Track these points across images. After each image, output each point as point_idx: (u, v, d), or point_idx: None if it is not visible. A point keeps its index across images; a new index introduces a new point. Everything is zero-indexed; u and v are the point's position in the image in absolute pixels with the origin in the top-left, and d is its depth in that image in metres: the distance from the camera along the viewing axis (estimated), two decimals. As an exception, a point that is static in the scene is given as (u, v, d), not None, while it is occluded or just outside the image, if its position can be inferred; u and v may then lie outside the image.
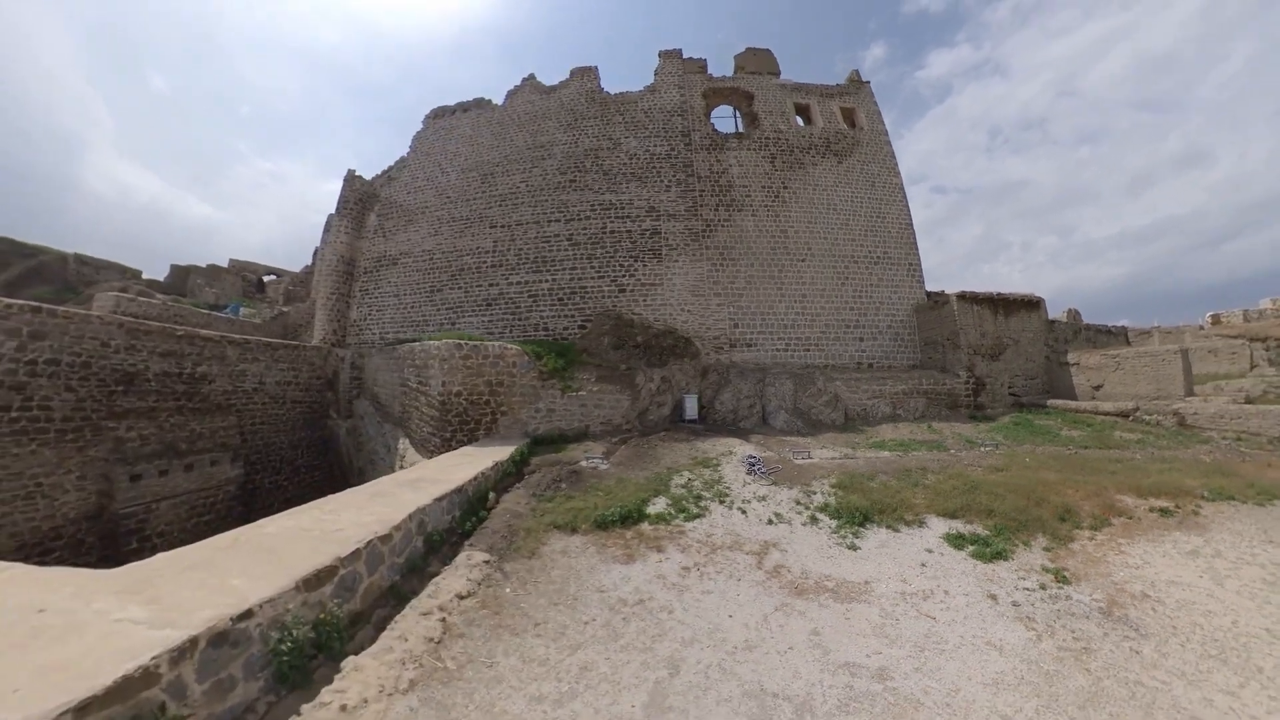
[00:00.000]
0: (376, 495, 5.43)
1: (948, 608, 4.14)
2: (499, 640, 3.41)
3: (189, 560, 3.60)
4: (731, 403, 12.23)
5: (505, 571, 4.48)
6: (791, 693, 2.90)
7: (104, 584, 3.16)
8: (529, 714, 2.71)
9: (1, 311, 9.60)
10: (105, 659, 2.32)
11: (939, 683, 3.10)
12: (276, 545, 3.88)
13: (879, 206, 17.79)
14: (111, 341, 11.55)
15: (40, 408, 10.12)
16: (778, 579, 4.56)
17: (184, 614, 2.74)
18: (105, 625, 2.63)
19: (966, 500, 6.55)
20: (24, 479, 9.79)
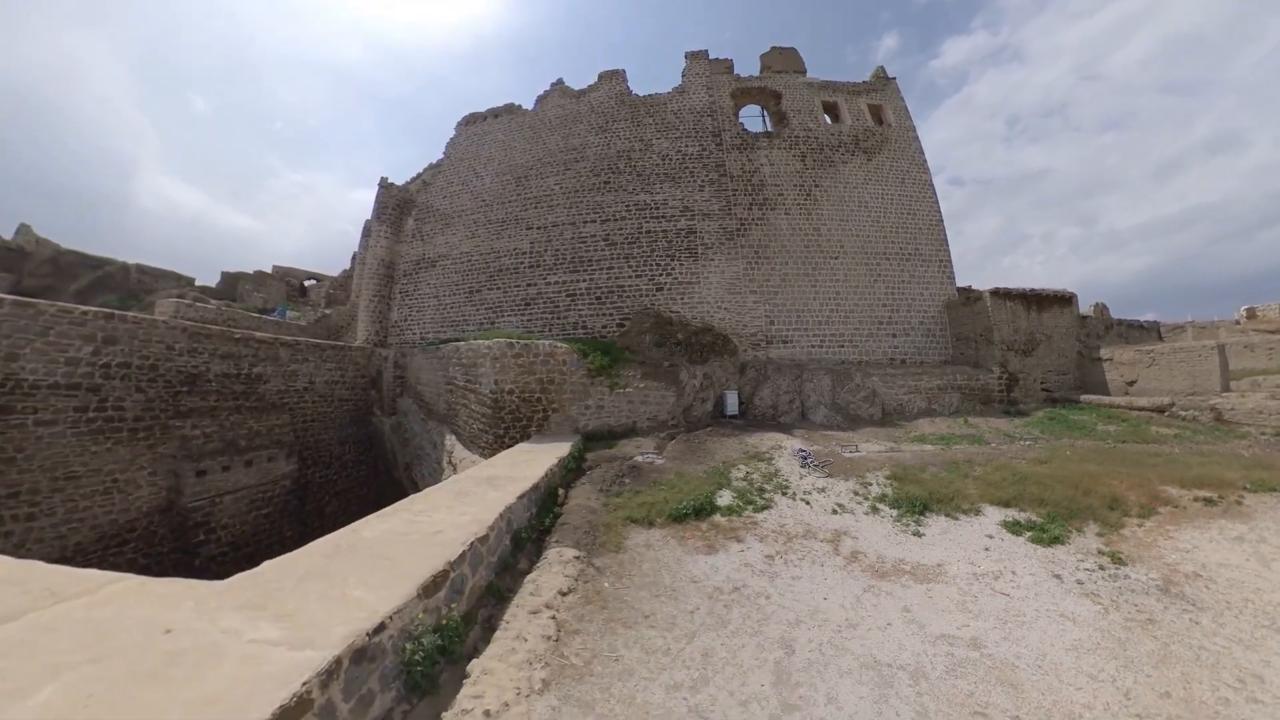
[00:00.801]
0: (460, 494, 5.62)
1: (1018, 586, 4.58)
2: (615, 634, 3.66)
3: (300, 569, 3.54)
4: (771, 398, 12.68)
5: (597, 566, 4.79)
6: (902, 662, 3.36)
7: (223, 598, 3.08)
8: (670, 702, 2.91)
9: (78, 318, 10.30)
10: (255, 688, 2.22)
11: (1026, 649, 3.56)
12: (382, 551, 3.90)
13: (909, 203, 17.97)
14: (176, 345, 12.27)
15: (114, 408, 10.82)
16: (857, 563, 5.04)
17: (320, 632, 2.67)
18: (242, 647, 2.55)
19: (1018, 490, 6.94)
20: (102, 475, 10.50)
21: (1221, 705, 2.98)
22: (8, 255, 19.88)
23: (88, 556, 10.18)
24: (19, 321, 9.38)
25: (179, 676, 2.32)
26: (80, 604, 3.00)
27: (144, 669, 2.37)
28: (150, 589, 3.20)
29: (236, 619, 2.83)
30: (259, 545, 13.57)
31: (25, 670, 2.38)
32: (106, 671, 2.38)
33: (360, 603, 3.02)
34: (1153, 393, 12.85)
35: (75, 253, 22.57)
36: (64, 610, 2.91)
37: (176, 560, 11.83)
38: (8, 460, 9.15)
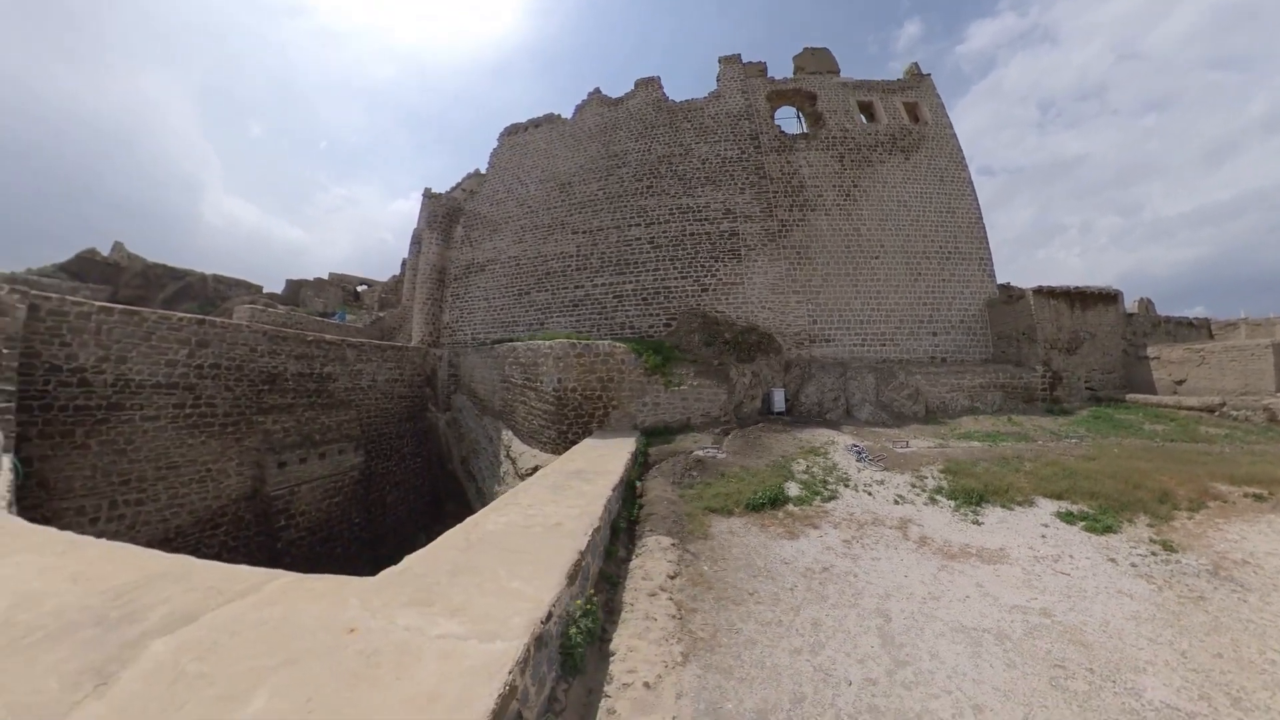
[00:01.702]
0: (557, 488, 6.06)
1: (1076, 567, 5.13)
2: (728, 610, 4.11)
3: (445, 564, 3.70)
4: (816, 396, 13.22)
5: (692, 552, 5.33)
6: (985, 627, 3.98)
7: (385, 595, 3.18)
8: (796, 664, 3.38)
9: (175, 324, 11.40)
10: (466, 682, 2.30)
11: (1091, 618, 4.15)
12: (513, 544, 4.13)
13: (948, 201, 18.10)
14: (258, 347, 13.32)
15: (207, 405, 11.90)
16: (927, 547, 5.65)
17: (499, 624, 2.81)
18: (434, 643, 2.62)
19: (1069, 484, 7.38)
20: (197, 465, 11.62)
21: (1269, 665, 3.52)
22: (106, 269, 21.97)
23: (187, 538, 11.23)
24: (127, 328, 10.49)
25: (386, 676, 2.35)
26: (249, 603, 3.06)
27: (347, 670, 2.41)
28: (307, 586, 3.30)
29: (412, 616, 2.91)
30: (331, 530, 14.80)
31: (227, 675, 2.40)
32: (310, 674, 2.40)
33: (520, 594, 3.19)
34: (1203, 392, 12.88)
35: (162, 265, 24.64)
36: (236, 611, 2.98)
37: (261, 543, 12.85)
38: (119, 451, 10.21)
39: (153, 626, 2.83)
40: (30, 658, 2.56)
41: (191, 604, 3.08)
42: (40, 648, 2.64)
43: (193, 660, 2.56)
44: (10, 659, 2.55)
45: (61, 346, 9.53)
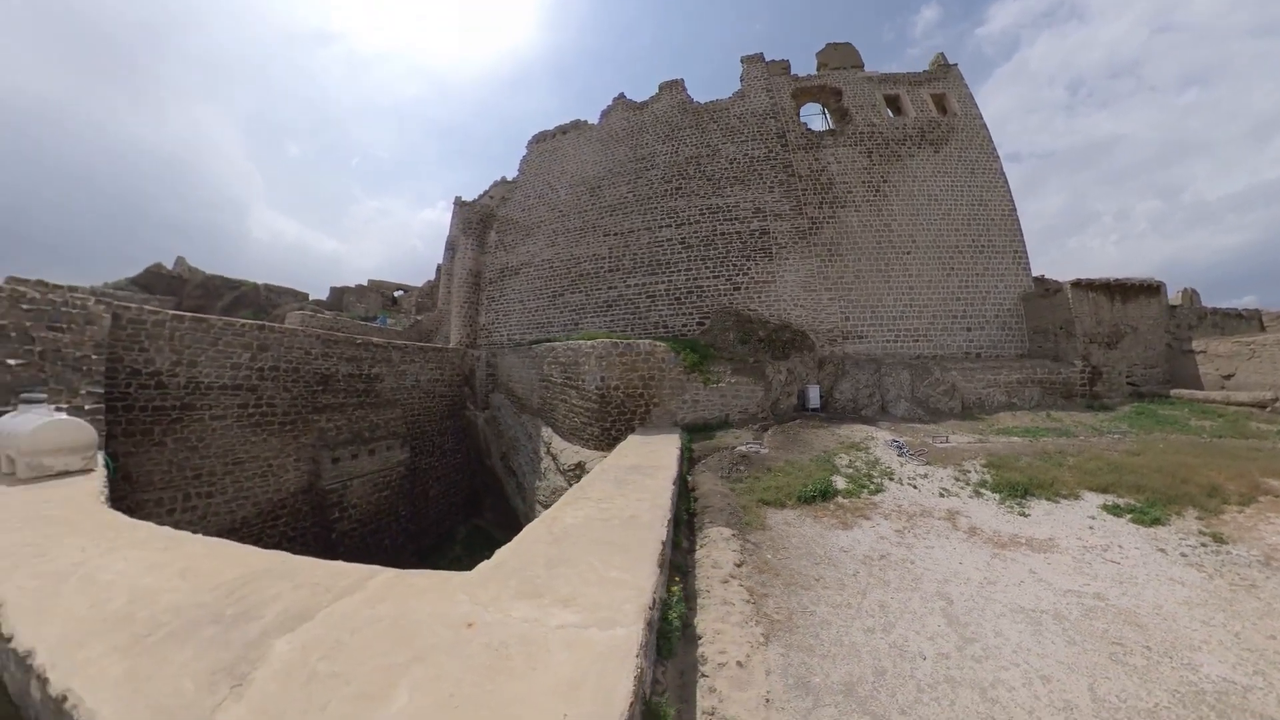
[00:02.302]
0: (620, 482, 6.40)
1: (1126, 556, 5.35)
2: (798, 595, 4.43)
3: (539, 556, 3.87)
4: (850, 392, 13.43)
5: (753, 542, 5.68)
6: (1043, 609, 4.29)
7: (490, 588, 3.31)
8: (871, 641, 3.70)
9: (239, 330, 12.19)
10: (600, 668, 2.38)
11: (1144, 602, 4.41)
12: (597, 535, 4.36)
13: (980, 194, 17.94)
14: (312, 350, 14.04)
15: (268, 405, 12.58)
16: (977, 537, 5.94)
17: (611, 611, 2.93)
18: (556, 634, 2.71)
19: (1114, 478, 7.50)
20: (260, 461, 12.32)
21: (1320, 646, 3.76)
22: (171, 282, 23.70)
23: (251, 528, 12.02)
24: (196, 334, 11.26)
25: (520, 667, 2.42)
26: (358, 600, 3.14)
27: (479, 663, 2.47)
28: (409, 582, 3.42)
29: (526, 608, 3.02)
30: (380, 522, 15.60)
31: (360, 673, 2.43)
32: (443, 669, 2.45)
33: (621, 582, 3.36)
34: (1253, 387, 12.62)
35: (219, 277, 26.42)
36: (349, 608, 3.05)
37: (316, 534, 13.50)
38: (192, 448, 11.01)
39: (271, 624, 2.90)
40: (159, 657, 2.64)
41: (303, 601, 3.15)
42: (166, 646, 2.73)
43: (321, 659, 2.59)
44: (140, 658, 2.62)
45: (140, 352, 10.33)
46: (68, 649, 2.73)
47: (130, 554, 4.03)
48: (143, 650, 2.73)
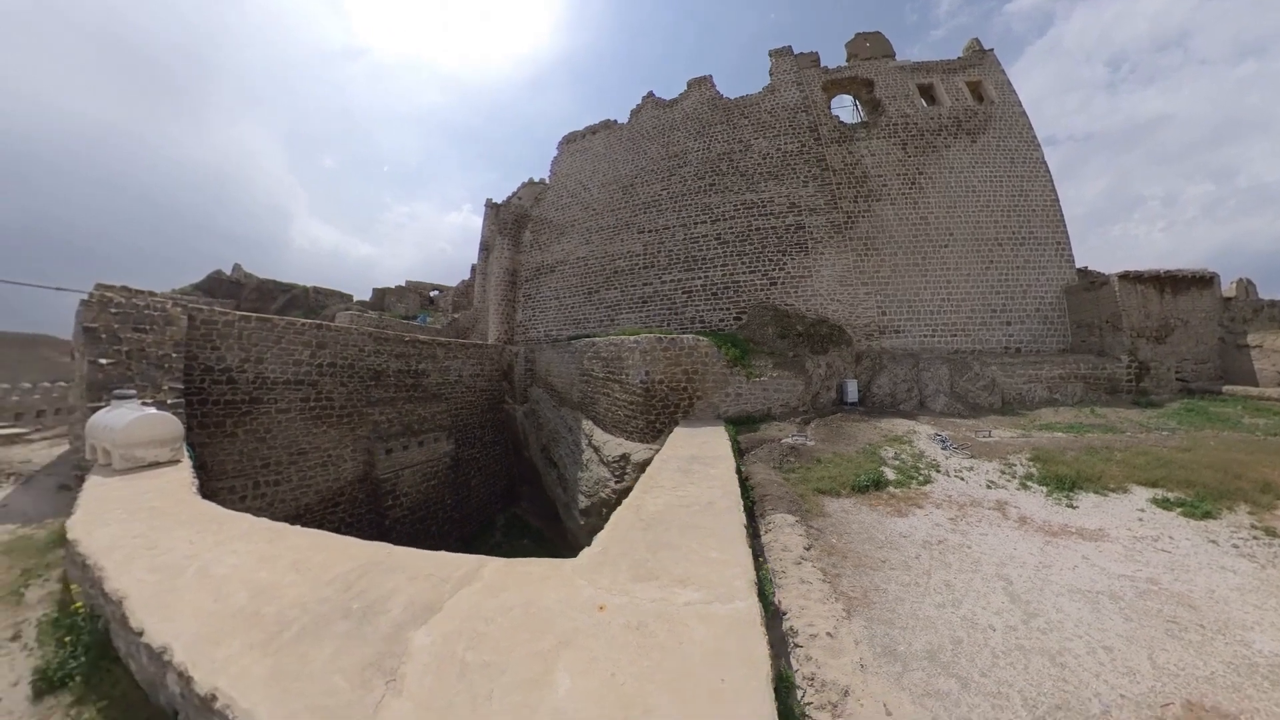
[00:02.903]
0: (685, 471, 6.88)
1: (1177, 546, 5.60)
2: (867, 575, 4.75)
3: (638, 542, 4.15)
4: (888, 387, 13.63)
5: (816, 528, 6.05)
6: (1098, 589, 4.62)
7: (606, 574, 3.53)
8: (943, 615, 4.09)
9: (300, 329, 12.87)
10: (739, 637, 2.70)
11: (1196, 587, 4.70)
12: (683, 520, 4.73)
13: (1020, 184, 17.65)
14: (365, 347, 14.68)
15: (327, 399, 13.22)
16: (1028, 526, 6.25)
17: (725, 587, 3.29)
18: (683, 610, 2.95)
19: (1164, 473, 7.63)
20: (321, 451, 12.96)
21: (1372, 629, 4.02)
22: (230, 286, 25.53)
23: (313, 514, 12.72)
24: (262, 333, 11.89)
25: (668, 642, 2.58)
26: (478, 590, 3.30)
27: (627, 642, 2.59)
28: (520, 570, 3.60)
29: (649, 589, 3.26)
30: (428, 510, 16.40)
31: (513, 661, 2.55)
32: (594, 651, 2.57)
33: (722, 561, 3.71)
34: (1311, 380, 12.32)
35: (272, 281, 28.28)
36: (473, 599, 3.20)
37: (371, 520, 14.16)
38: (260, 439, 11.63)
39: (401, 618, 2.99)
40: (299, 654, 2.70)
41: (424, 593, 3.27)
42: (303, 643, 2.80)
43: (467, 650, 2.65)
44: (280, 656, 2.69)
45: (212, 350, 11.00)
46: (204, 646, 2.81)
47: (238, 547, 4.23)
48: (280, 647, 2.79)
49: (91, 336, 8.85)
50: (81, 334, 9.01)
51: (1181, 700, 3.16)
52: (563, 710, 2.22)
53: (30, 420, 17.33)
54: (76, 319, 9.34)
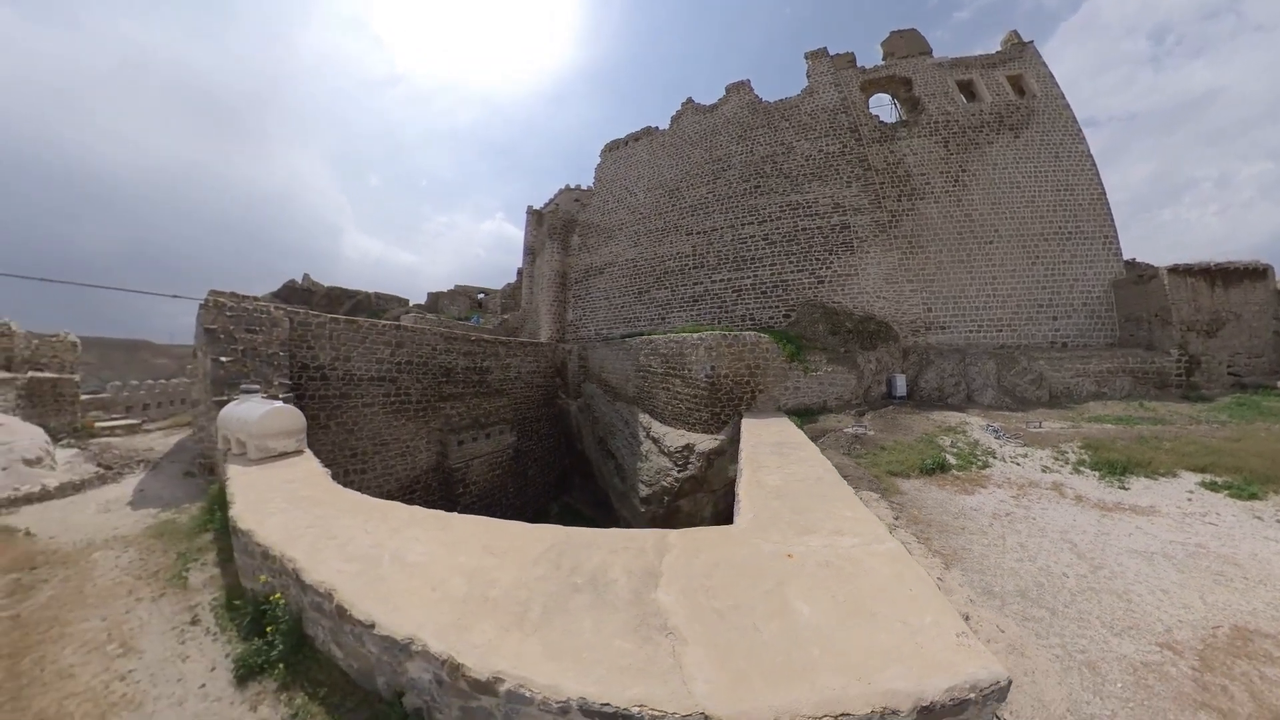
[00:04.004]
0: (779, 455, 7.72)
1: (1223, 520, 6.34)
2: (951, 539, 5.73)
3: (781, 508, 4.95)
4: (936, 381, 14.33)
5: (897, 503, 6.98)
6: (1152, 551, 5.47)
7: (775, 532, 4.26)
8: (1023, 567, 5.05)
9: (381, 330, 13.65)
10: (899, 566, 3.48)
11: (1241, 551, 5.49)
12: (808, 491, 5.54)
13: (1065, 179, 17.84)
14: (436, 346, 15.52)
15: (404, 394, 14.03)
16: (1084, 503, 7.08)
17: (871, 536, 4.08)
18: (851, 550, 3.79)
19: (1212, 459, 8.22)
20: (400, 443, 13.76)
21: (1396, 583, 4.79)
22: (302, 293, 27.81)
23: (394, 501, 14.58)
24: (349, 333, 12.67)
25: (857, 573, 3.41)
26: (679, 554, 3.83)
27: (828, 576, 3.37)
28: (698, 538, 4.14)
29: (815, 539, 4.08)
30: (493, 498, 17.36)
31: (751, 601, 3.16)
32: (812, 583, 3.30)
33: (857, 519, 4.57)
34: (1367, 370, 12.45)
35: (339, 288, 30.67)
36: (679, 561, 3.73)
37: (444, 506, 14.63)
38: (349, 431, 12.41)
39: (631, 584, 3.39)
40: (562, 629, 2.93)
41: (633, 562, 3.71)
42: (556, 619, 3.04)
43: (709, 600, 3.12)
44: (543, 633, 2.88)
45: (308, 349, 11.73)
46: (455, 634, 2.91)
47: (414, 534, 4.41)
48: (536, 626, 2.97)
49: (212, 337, 9.68)
50: (203, 335, 9.85)
51: (1229, 626, 4.07)
52: (817, 625, 2.90)
53: (139, 413, 19.43)
54: (197, 322, 10.35)
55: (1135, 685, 3.37)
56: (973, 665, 2.53)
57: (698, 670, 2.56)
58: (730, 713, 2.28)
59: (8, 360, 15.59)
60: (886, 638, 2.78)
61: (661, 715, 2.30)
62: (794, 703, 2.32)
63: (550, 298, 23.82)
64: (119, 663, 3.90)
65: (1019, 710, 3.01)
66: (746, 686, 2.44)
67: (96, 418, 16.12)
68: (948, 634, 2.78)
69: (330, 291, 29.34)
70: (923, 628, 2.85)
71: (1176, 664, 3.59)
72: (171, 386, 22.54)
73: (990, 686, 2.42)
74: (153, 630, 4.38)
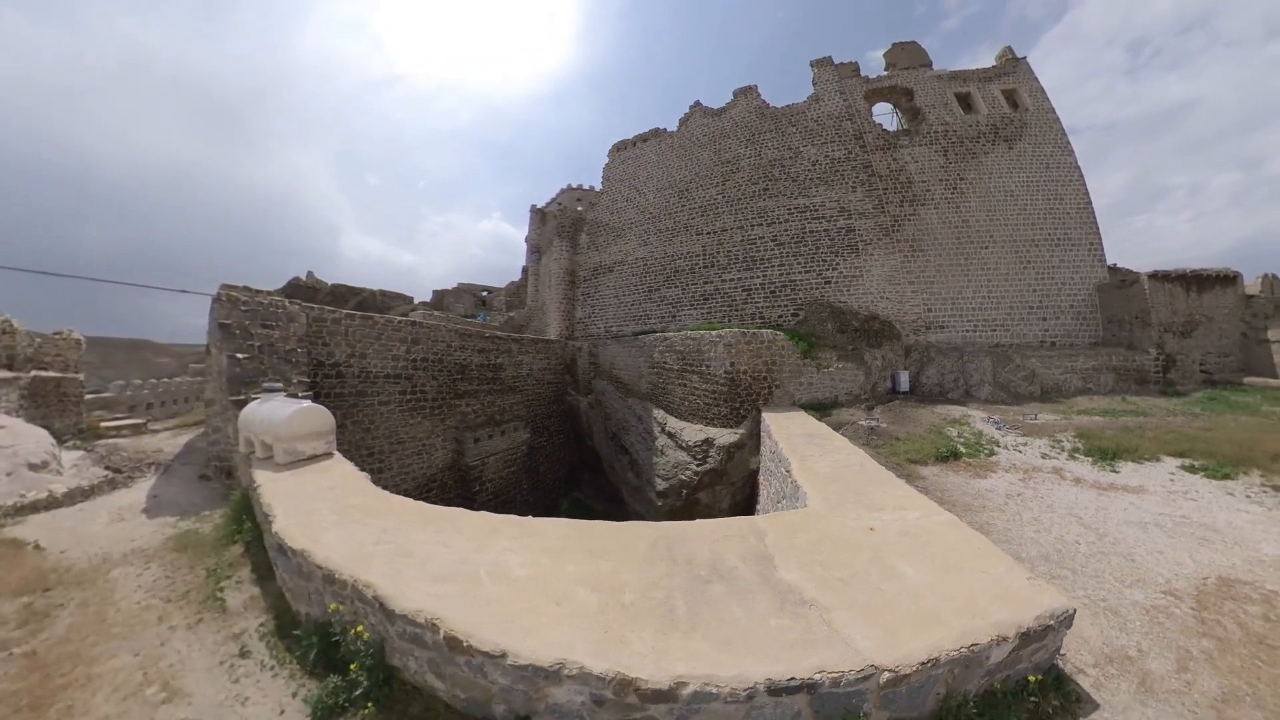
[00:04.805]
0: (816, 445, 8.37)
1: (1201, 497, 7.27)
2: (976, 514, 6.64)
3: (842, 491, 5.57)
4: (936, 377, 15.30)
5: (920, 487, 7.59)
6: (1145, 521, 6.36)
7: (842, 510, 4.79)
8: (1040, 536, 5.92)
9: (397, 326, 13.23)
10: (961, 533, 4.28)
11: (1218, 520, 6.40)
12: (857, 474, 6.21)
13: (1055, 188, 19.00)
14: (451, 343, 15.14)
15: (420, 391, 13.63)
16: (1082, 484, 7.98)
17: (929, 509, 4.80)
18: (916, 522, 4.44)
19: (1189, 446, 9.25)
20: (417, 441, 13.37)
21: (1345, 545, 5.73)
22: (308, 290, 27.56)
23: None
24: (365, 330, 12.25)
25: (929, 538, 4.08)
26: (779, 535, 4.27)
27: (910, 543, 3.98)
28: (784, 520, 4.68)
29: (884, 515, 4.70)
30: (509, 495, 16.79)
31: (860, 568, 3.66)
32: (897, 551, 3.84)
33: (909, 496, 5.39)
34: (1328, 373, 13.69)
35: (344, 285, 30.55)
36: (782, 541, 4.19)
37: (459, 504, 14.27)
38: (365, 430, 11.99)
39: (756, 569, 3.74)
40: (716, 622, 3.09)
41: (741, 549, 4.06)
42: (702, 613, 3.19)
43: (825, 572, 3.64)
44: (700, 631, 2.99)
45: (323, 346, 11.22)
46: (613, 646, 2.86)
47: (504, 544, 4.20)
48: (691, 621, 3.11)
49: (227, 332, 9.13)
50: (217, 330, 9.28)
51: (1216, 577, 4.93)
52: (923, 581, 3.57)
53: (142, 412, 18.88)
54: (210, 318, 9.82)
55: (1150, 623, 4.17)
56: (1047, 599, 3.28)
57: (853, 631, 2.96)
58: (895, 659, 2.75)
59: (9, 359, 14.94)
60: (978, 584, 3.49)
61: (839, 675, 2.63)
62: (939, 640, 2.90)
63: (559, 295, 24.29)
64: (165, 712, 3.31)
65: (1066, 645, 3.72)
66: (898, 636, 2.93)
67: (101, 417, 15.77)
68: (1020, 579, 3.53)
69: (335, 289, 29.20)
70: (1001, 576, 3.59)
71: (1179, 606, 4.41)
72: (174, 385, 22.19)
73: (1063, 614, 3.17)
74: (196, 666, 3.78)
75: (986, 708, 2.92)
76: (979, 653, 2.91)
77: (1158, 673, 3.54)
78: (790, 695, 2.61)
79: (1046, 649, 3.22)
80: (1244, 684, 3.43)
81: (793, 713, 2.64)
